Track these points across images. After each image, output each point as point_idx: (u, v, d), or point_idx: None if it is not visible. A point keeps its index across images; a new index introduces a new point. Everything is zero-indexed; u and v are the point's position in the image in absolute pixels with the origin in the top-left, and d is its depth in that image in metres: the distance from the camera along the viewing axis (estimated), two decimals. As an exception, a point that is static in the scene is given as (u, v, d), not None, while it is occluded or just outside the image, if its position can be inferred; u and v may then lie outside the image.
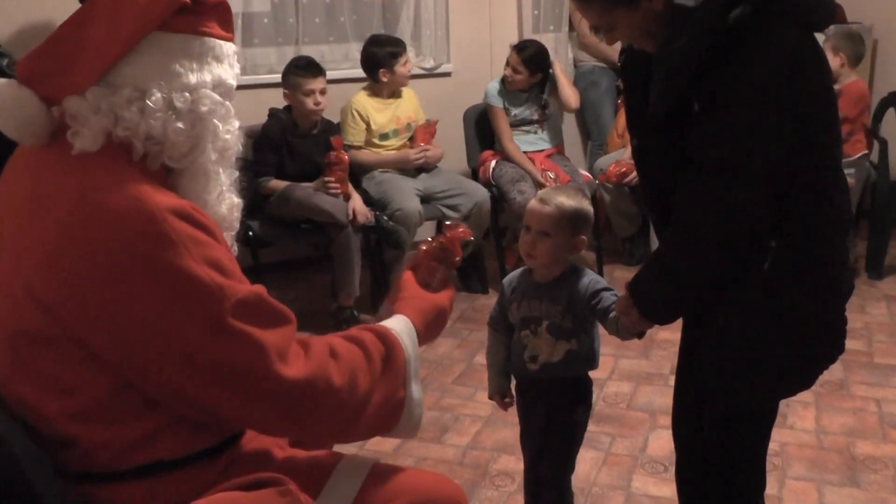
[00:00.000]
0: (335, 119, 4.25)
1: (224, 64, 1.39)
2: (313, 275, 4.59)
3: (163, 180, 1.34)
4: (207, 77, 1.35)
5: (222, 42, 1.39)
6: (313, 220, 3.86)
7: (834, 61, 4.33)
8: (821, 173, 1.69)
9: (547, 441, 2.11)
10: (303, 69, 3.90)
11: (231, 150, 1.43)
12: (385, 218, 3.98)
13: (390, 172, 4.28)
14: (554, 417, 2.09)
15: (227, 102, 1.40)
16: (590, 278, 2.02)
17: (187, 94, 1.32)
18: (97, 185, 1.25)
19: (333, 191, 3.85)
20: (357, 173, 4.18)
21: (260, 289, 1.34)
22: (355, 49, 4.61)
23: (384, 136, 4.29)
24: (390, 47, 4.22)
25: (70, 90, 1.29)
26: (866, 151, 4.42)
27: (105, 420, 1.30)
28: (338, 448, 1.77)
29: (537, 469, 2.14)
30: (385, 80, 4.22)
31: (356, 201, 3.93)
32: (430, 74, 4.91)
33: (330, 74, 4.26)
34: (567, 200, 1.99)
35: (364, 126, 4.25)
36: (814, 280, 1.71)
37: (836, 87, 4.35)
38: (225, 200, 1.43)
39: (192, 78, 1.33)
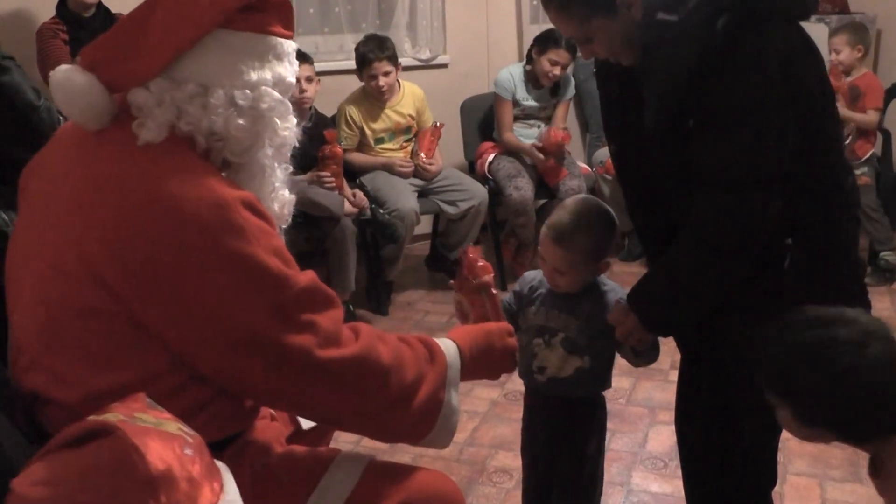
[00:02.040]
0: (330, 112, 4.25)
1: (284, 62, 1.43)
2: (308, 269, 4.58)
3: (221, 174, 1.39)
4: (268, 75, 1.40)
5: (283, 40, 1.43)
6: (308, 214, 3.86)
7: (852, 54, 4.35)
8: (829, 161, 1.71)
9: (559, 475, 2.06)
10: None
11: (287, 147, 1.48)
12: (381, 211, 3.98)
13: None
14: (562, 444, 2.04)
15: (286, 100, 1.44)
16: (616, 295, 1.96)
17: (248, 92, 1.37)
18: (168, 173, 1.30)
19: (328, 185, 3.86)
20: (349, 172, 4.18)
21: (313, 275, 1.42)
22: (350, 40, 4.61)
23: (379, 140, 4.28)
24: (367, 50, 4.12)
25: (132, 80, 1.34)
26: (874, 150, 4.46)
27: None
28: (334, 444, 1.79)
29: (548, 497, 2.11)
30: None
31: (349, 193, 3.96)
32: (427, 66, 4.91)
33: (324, 66, 4.26)
34: (580, 237, 1.86)
35: (357, 132, 4.23)
36: (834, 267, 1.72)
37: (849, 79, 4.37)
38: (278, 197, 1.48)
39: (254, 76, 1.38)
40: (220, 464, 1.12)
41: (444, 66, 4.99)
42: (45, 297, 1.35)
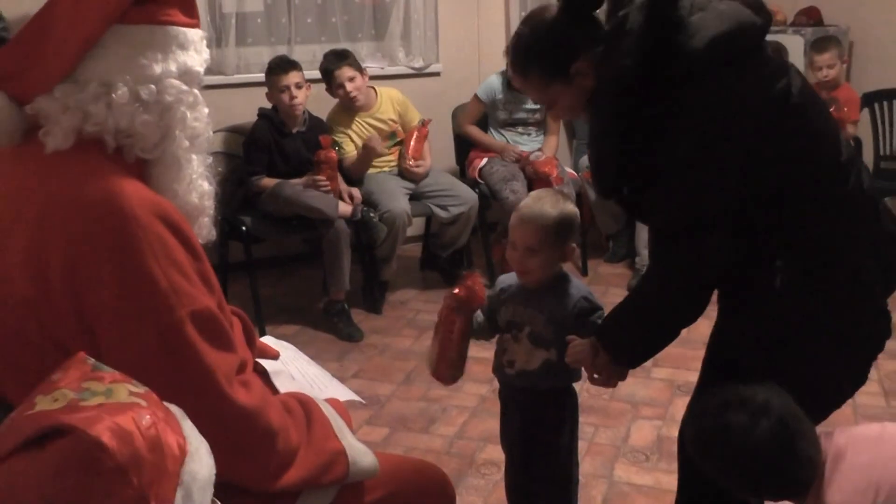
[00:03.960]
0: (326, 116, 4.25)
1: (189, 51, 1.35)
2: (304, 270, 4.59)
3: (139, 172, 1.33)
4: (172, 66, 1.32)
5: (186, 29, 1.35)
6: (303, 217, 3.86)
7: (841, 68, 4.39)
8: (821, 184, 1.66)
9: (536, 465, 2.07)
10: (275, 67, 3.91)
11: (202, 137, 1.40)
12: (372, 215, 3.99)
13: (379, 172, 4.28)
14: (536, 435, 2.05)
15: (195, 89, 1.37)
16: (579, 294, 1.98)
17: (152, 86, 1.30)
18: (71, 180, 1.25)
19: (324, 188, 3.86)
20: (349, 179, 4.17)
21: (214, 310, 1.31)
22: (347, 49, 4.62)
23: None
24: (327, 64, 4.09)
25: (38, 88, 1.28)
26: None
27: None
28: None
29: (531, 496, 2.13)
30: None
31: (346, 192, 3.98)
32: (420, 74, 4.92)
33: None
34: (551, 210, 1.92)
35: (350, 141, 4.21)
36: (830, 285, 1.67)
37: (832, 93, 4.39)
38: (195, 189, 1.40)
39: (157, 68, 1.30)
40: (173, 408, 1.05)
41: (437, 74, 5.00)
42: None
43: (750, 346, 1.72)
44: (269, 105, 3.98)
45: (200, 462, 1.03)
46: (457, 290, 1.93)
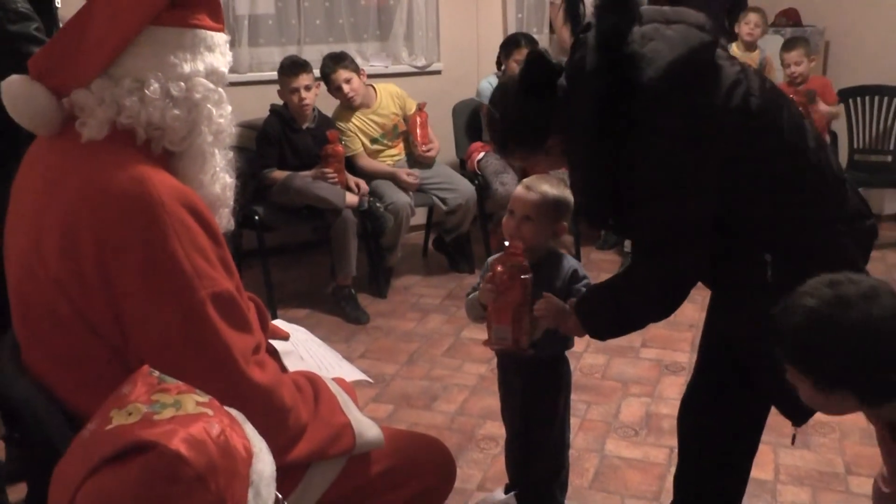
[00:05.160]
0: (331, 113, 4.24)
1: (216, 53, 1.39)
2: (314, 256, 4.60)
3: (165, 163, 1.35)
4: (200, 66, 1.35)
5: (213, 33, 1.38)
6: (312, 207, 3.86)
7: (809, 65, 4.46)
8: (794, 173, 1.65)
9: (535, 432, 2.09)
10: (286, 69, 3.89)
11: (225, 133, 1.43)
12: (378, 205, 3.99)
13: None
14: (536, 402, 2.07)
15: (220, 88, 1.40)
16: (570, 263, 2.02)
17: (182, 84, 1.33)
18: (103, 168, 1.27)
19: (332, 180, 3.86)
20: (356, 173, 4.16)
21: (235, 292, 1.33)
22: (353, 49, 4.61)
23: (375, 141, 4.25)
24: (323, 67, 4.06)
25: (76, 83, 1.31)
26: None
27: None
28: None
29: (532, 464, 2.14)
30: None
31: (353, 183, 3.97)
32: (422, 72, 4.91)
33: (329, 72, 4.23)
34: (550, 189, 1.98)
35: (356, 137, 4.19)
36: (820, 270, 1.65)
37: (804, 86, 4.41)
38: (219, 180, 1.42)
39: (187, 67, 1.33)
40: (234, 413, 1.08)
41: (438, 72, 4.99)
42: (20, 298, 1.32)
43: (750, 341, 1.70)
44: (280, 101, 3.98)
45: (264, 461, 1.06)
46: (513, 252, 1.89)
